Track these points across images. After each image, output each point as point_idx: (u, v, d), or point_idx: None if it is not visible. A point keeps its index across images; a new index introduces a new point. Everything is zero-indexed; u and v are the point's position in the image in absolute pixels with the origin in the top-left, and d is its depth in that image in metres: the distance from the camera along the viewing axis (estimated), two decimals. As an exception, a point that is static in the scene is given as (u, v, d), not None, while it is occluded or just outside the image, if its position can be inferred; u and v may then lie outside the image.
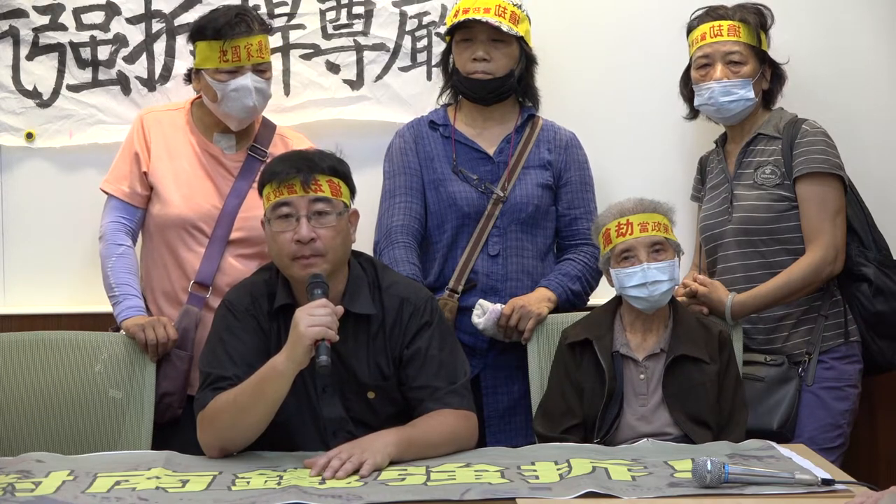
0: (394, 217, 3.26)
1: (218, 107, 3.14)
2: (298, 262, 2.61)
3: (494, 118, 3.32)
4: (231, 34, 3.07)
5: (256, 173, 3.15)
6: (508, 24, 3.19)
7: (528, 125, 3.33)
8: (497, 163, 3.28)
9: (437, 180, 3.27)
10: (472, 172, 3.26)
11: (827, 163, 3.17)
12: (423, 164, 3.30)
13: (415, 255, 3.22)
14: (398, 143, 3.35)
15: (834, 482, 2.28)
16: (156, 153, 3.19)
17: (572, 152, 3.33)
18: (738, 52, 3.24)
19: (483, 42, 3.22)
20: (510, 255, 3.24)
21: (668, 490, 2.28)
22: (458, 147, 3.29)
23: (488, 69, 3.23)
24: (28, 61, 3.50)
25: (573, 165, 3.32)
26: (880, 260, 3.24)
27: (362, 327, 2.67)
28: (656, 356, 2.87)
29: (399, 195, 3.28)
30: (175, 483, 2.36)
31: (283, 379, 2.48)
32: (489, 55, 3.22)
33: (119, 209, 3.19)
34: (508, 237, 3.24)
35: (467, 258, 3.21)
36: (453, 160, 3.27)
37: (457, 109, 3.36)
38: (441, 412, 2.60)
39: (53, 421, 3.01)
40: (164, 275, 3.17)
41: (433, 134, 3.33)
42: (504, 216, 3.23)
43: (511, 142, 3.29)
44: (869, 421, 3.58)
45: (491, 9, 3.19)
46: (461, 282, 3.20)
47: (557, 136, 3.34)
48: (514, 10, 3.22)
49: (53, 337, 3.07)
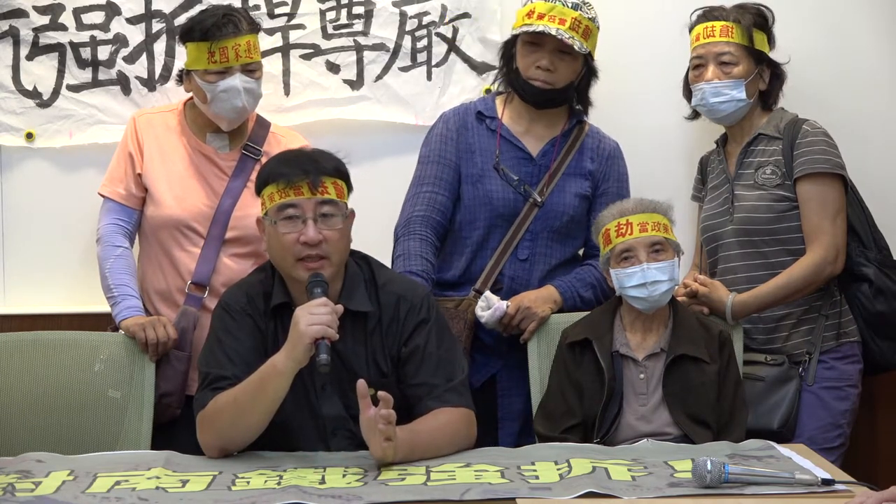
0: (417, 206, 3.20)
1: (208, 108, 3.14)
2: (303, 264, 2.60)
3: (543, 119, 3.25)
4: (218, 35, 3.06)
5: (251, 172, 3.15)
6: (580, 39, 3.10)
7: (576, 129, 3.28)
8: (539, 165, 3.22)
9: (476, 175, 3.21)
10: (514, 172, 3.20)
11: (828, 163, 3.17)
12: (464, 156, 3.23)
13: (430, 249, 3.16)
14: (440, 129, 3.27)
15: (834, 482, 2.28)
16: (148, 155, 3.19)
17: (614, 163, 3.29)
18: (730, 52, 3.23)
19: (550, 52, 3.13)
20: (538, 260, 3.20)
21: (668, 490, 2.28)
22: (502, 143, 3.23)
23: (550, 79, 3.15)
24: (28, 61, 3.50)
25: (613, 176, 3.28)
26: (881, 260, 3.24)
27: (360, 325, 2.66)
28: (656, 356, 2.87)
29: (427, 184, 3.22)
30: (175, 483, 2.36)
31: (283, 378, 2.48)
32: (554, 66, 3.14)
33: (115, 211, 3.19)
34: (539, 243, 3.20)
35: (497, 260, 3.17)
36: (496, 157, 3.22)
37: (506, 102, 3.28)
38: (441, 411, 2.60)
39: (53, 421, 3.01)
40: (160, 275, 3.17)
41: (479, 125, 3.25)
42: (538, 221, 3.19)
43: (556, 145, 3.24)
44: (869, 421, 3.58)
45: (567, 21, 3.08)
46: (488, 283, 3.16)
47: (602, 144, 3.29)
48: (588, 24, 3.12)
49: (53, 337, 3.07)
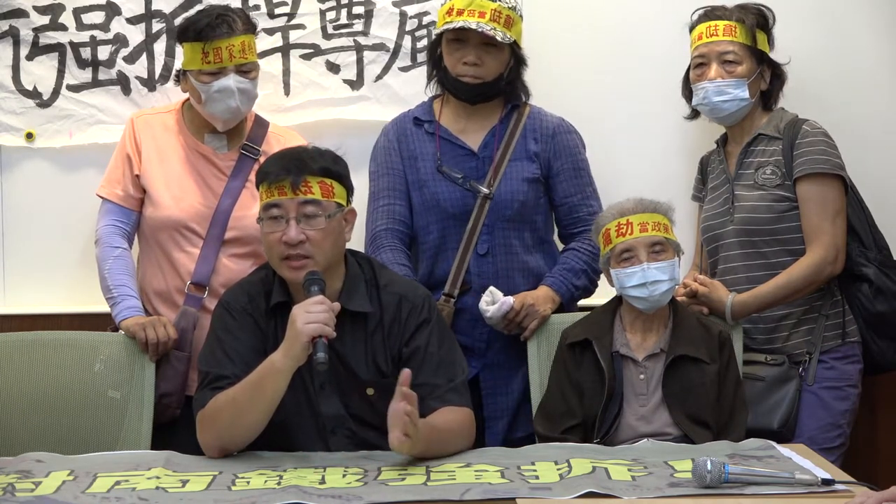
0: (377, 221, 3.23)
1: (203, 108, 3.13)
2: (286, 264, 2.61)
3: (479, 114, 3.24)
4: (212, 35, 3.05)
5: (249, 172, 3.15)
6: (503, 29, 3.11)
7: (514, 114, 3.26)
8: (482, 158, 3.22)
9: (420, 181, 3.22)
10: (457, 170, 3.20)
11: (828, 163, 3.17)
12: (407, 163, 3.25)
13: (403, 256, 3.18)
14: (382, 143, 3.30)
15: (834, 482, 2.28)
16: (146, 156, 3.19)
17: (560, 139, 3.26)
18: (733, 51, 3.24)
19: (475, 47, 3.15)
20: (498, 252, 3.20)
21: (668, 490, 2.28)
22: (442, 144, 3.23)
23: (478, 73, 3.16)
24: (28, 61, 3.50)
25: (563, 153, 3.25)
26: (881, 260, 3.24)
27: (360, 325, 2.67)
28: (656, 356, 2.87)
29: (382, 198, 3.25)
30: (175, 483, 2.36)
31: (282, 376, 2.48)
32: (480, 60, 3.15)
33: (114, 212, 3.19)
34: (496, 235, 3.19)
35: (460, 260, 3.17)
36: (437, 159, 3.22)
37: (443, 103, 3.29)
38: (448, 409, 2.60)
39: (53, 421, 3.01)
40: (159, 276, 3.17)
41: (417, 131, 3.27)
42: (491, 214, 3.18)
43: (496, 135, 3.23)
44: (869, 421, 3.58)
45: (486, 13, 3.10)
46: (457, 285, 3.17)
47: (544, 123, 3.26)
48: (509, 14, 3.13)
49: (53, 337, 3.07)
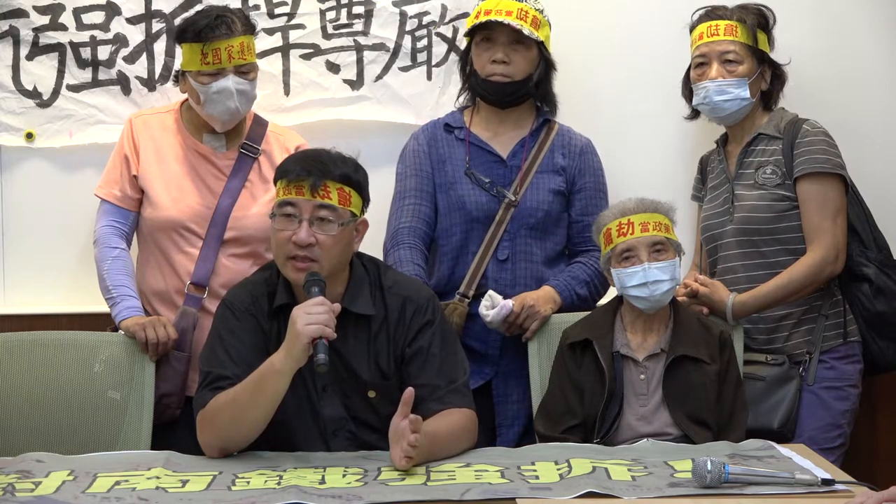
0: (402, 219, 3.25)
1: (202, 109, 3.13)
2: (292, 263, 2.61)
3: (510, 121, 3.29)
4: (211, 36, 3.05)
5: (249, 172, 3.15)
6: (529, 27, 3.17)
7: (544, 130, 3.30)
8: (510, 166, 3.25)
9: (448, 183, 3.25)
10: (485, 175, 3.24)
11: (828, 163, 3.17)
12: (436, 166, 3.28)
13: (420, 256, 3.20)
14: (412, 146, 3.34)
15: (834, 482, 2.28)
16: (144, 156, 3.18)
17: (587, 159, 3.31)
18: (734, 51, 3.24)
19: (503, 44, 3.20)
20: (518, 259, 3.22)
21: (668, 490, 2.28)
22: (472, 149, 3.27)
23: (507, 72, 3.20)
24: (28, 61, 3.50)
25: (588, 172, 3.30)
26: (881, 260, 3.24)
27: (363, 327, 2.67)
28: (656, 356, 2.87)
29: (409, 197, 3.27)
30: (175, 483, 2.36)
31: (282, 377, 2.48)
32: (508, 58, 3.19)
33: (112, 213, 3.19)
34: (518, 242, 3.22)
35: (479, 263, 3.19)
36: (466, 162, 3.26)
37: (473, 112, 3.34)
38: (449, 412, 2.60)
39: (53, 421, 3.01)
40: (158, 277, 3.17)
41: (447, 136, 3.31)
42: (514, 221, 3.21)
43: (525, 146, 3.27)
44: (869, 421, 3.58)
45: (513, 12, 3.16)
46: (472, 287, 3.18)
47: (572, 141, 3.32)
48: (535, 15, 3.19)
49: (52, 337, 3.06)
